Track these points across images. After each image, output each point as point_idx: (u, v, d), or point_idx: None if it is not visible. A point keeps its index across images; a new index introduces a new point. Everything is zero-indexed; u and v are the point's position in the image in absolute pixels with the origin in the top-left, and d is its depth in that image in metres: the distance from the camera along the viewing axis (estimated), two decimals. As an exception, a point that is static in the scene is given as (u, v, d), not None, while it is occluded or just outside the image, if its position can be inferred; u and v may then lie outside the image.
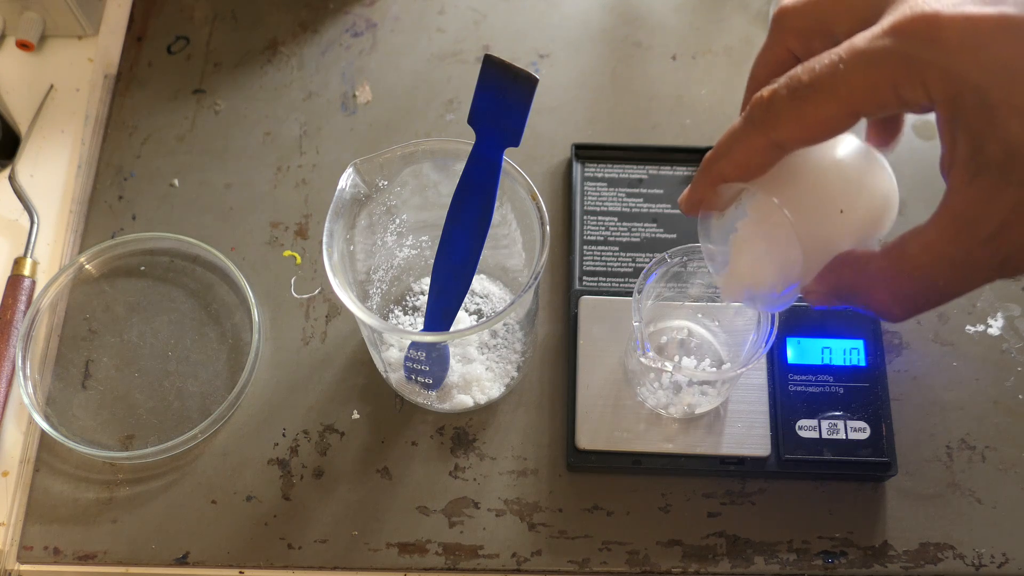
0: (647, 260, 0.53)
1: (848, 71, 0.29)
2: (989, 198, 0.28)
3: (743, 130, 0.33)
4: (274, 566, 0.46)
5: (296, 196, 0.57)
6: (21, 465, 0.49)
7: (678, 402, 0.46)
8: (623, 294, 0.51)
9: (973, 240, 0.28)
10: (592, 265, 0.53)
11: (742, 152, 0.33)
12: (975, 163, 0.27)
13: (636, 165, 0.56)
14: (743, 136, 0.33)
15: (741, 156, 0.33)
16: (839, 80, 0.29)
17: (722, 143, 0.34)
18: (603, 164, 0.56)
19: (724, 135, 0.34)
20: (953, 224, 0.29)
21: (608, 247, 0.54)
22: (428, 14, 0.64)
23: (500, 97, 0.38)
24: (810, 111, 0.30)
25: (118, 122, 0.60)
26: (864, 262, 0.32)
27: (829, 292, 0.34)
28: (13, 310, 0.53)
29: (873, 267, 0.32)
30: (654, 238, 0.54)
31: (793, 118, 0.31)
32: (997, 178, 0.27)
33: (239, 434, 0.50)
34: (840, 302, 0.34)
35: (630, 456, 0.47)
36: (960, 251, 0.29)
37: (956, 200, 0.29)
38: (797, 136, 0.32)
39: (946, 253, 0.29)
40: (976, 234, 0.28)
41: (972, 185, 0.28)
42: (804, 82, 0.30)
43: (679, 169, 0.56)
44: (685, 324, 0.49)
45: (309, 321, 0.53)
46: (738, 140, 0.34)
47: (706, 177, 0.36)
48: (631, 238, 0.54)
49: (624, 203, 0.55)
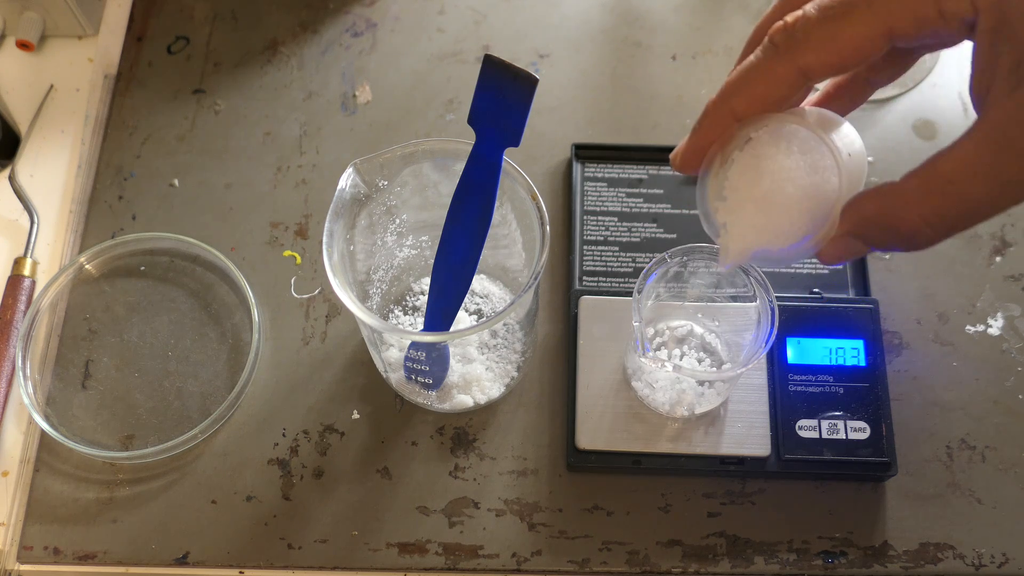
0: (647, 260, 0.53)
1: None
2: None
3: (763, 59, 0.31)
4: (274, 566, 0.46)
5: (296, 196, 0.57)
6: (21, 465, 0.50)
7: (679, 402, 0.46)
8: (623, 294, 0.51)
9: (1012, 152, 0.28)
10: (592, 265, 0.53)
11: (763, 84, 0.31)
12: (1016, 74, 0.27)
13: (636, 165, 0.56)
14: (764, 66, 0.31)
15: (761, 89, 0.32)
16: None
17: (734, 79, 0.32)
18: (603, 164, 0.56)
19: (736, 71, 0.32)
20: (992, 136, 0.28)
21: (608, 247, 0.54)
22: (428, 14, 0.64)
23: (500, 97, 0.38)
24: (844, 31, 0.29)
25: (118, 122, 0.60)
26: (889, 188, 0.31)
27: (850, 230, 0.32)
28: (13, 310, 0.53)
29: (900, 189, 0.31)
30: (654, 238, 0.54)
31: (824, 39, 0.30)
32: None
33: (239, 434, 0.50)
34: (860, 242, 0.32)
35: (630, 456, 0.47)
36: (999, 163, 0.28)
37: (995, 113, 0.28)
38: (827, 61, 0.30)
39: (983, 165, 0.28)
40: (1016, 145, 0.27)
41: (1012, 97, 0.27)
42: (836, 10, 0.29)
43: None
44: (685, 324, 0.49)
45: (309, 321, 0.53)
46: (757, 70, 0.32)
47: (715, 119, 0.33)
48: (631, 238, 0.54)
49: (624, 203, 0.55)
